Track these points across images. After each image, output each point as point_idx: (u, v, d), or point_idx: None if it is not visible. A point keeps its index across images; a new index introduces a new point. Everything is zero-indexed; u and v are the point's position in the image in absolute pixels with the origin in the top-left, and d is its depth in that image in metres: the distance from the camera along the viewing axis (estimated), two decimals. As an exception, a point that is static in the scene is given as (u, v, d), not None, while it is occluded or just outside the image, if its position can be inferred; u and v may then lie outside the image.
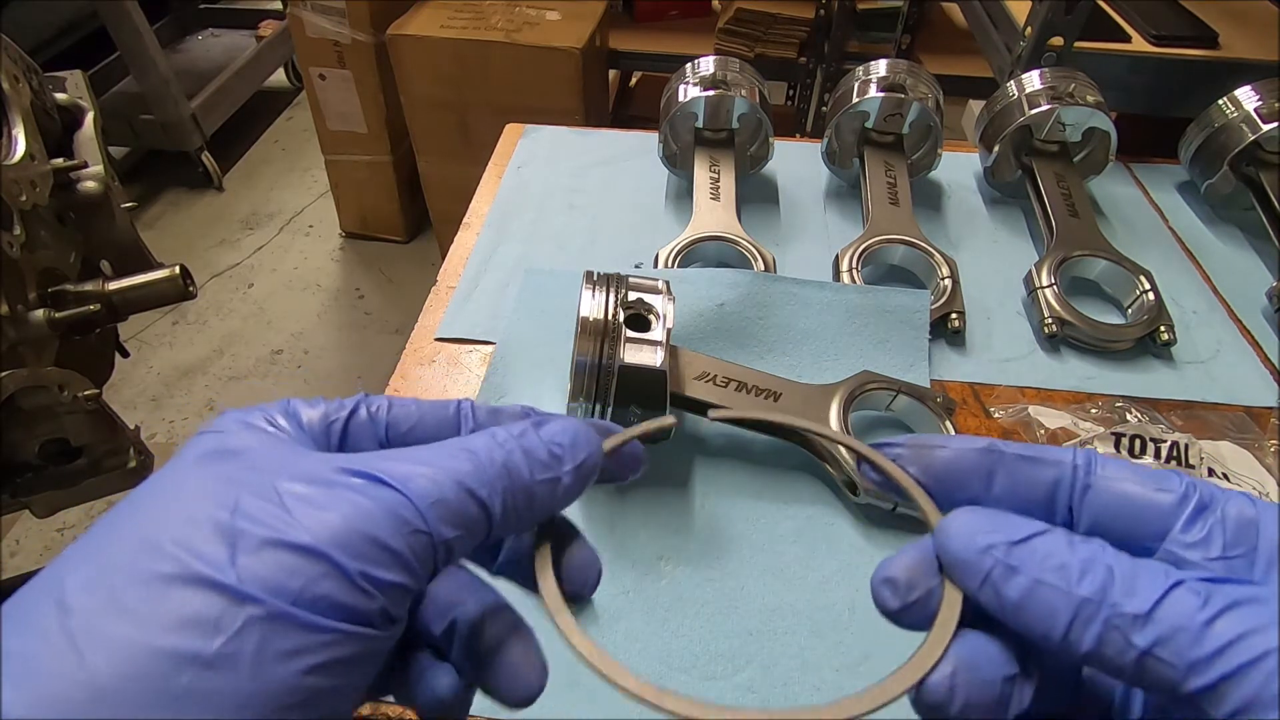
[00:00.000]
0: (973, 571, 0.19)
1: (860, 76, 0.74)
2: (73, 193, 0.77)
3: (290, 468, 0.19)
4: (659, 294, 0.48)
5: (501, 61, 1.56)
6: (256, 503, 0.18)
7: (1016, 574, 0.18)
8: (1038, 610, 0.18)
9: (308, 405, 0.23)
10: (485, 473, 0.20)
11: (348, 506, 0.18)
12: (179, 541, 0.17)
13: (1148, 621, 0.16)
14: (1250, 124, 0.70)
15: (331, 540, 0.17)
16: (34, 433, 0.73)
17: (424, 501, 0.19)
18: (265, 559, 0.17)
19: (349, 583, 0.17)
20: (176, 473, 0.20)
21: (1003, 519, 0.20)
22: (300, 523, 0.18)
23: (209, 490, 0.19)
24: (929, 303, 0.59)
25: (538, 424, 0.22)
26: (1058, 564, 0.18)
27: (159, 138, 2.20)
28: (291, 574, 0.17)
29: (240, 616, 0.16)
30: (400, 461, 0.20)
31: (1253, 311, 0.65)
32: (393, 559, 0.18)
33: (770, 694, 0.41)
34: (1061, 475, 0.21)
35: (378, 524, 0.18)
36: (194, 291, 0.79)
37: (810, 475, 0.51)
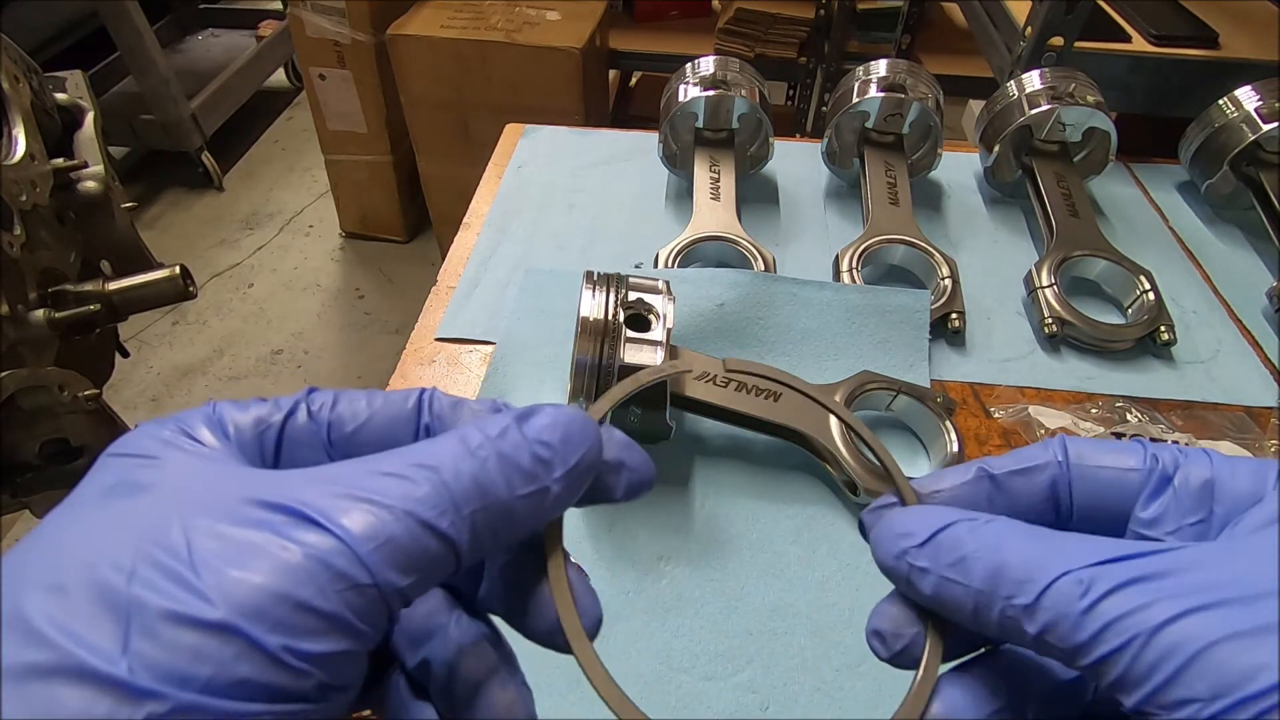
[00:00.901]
0: (895, 576, 0.21)
1: (860, 76, 0.74)
2: (73, 193, 0.77)
3: (205, 504, 0.16)
4: (659, 294, 0.48)
5: (501, 61, 1.56)
6: (158, 560, 0.15)
7: (927, 574, 0.20)
8: (949, 603, 0.19)
9: (238, 409, 0.19)
10: (448, 494, 0.16)
11: (267, 562, 0.15)
12: (59, 621, 0.14)
13: (1035, 611, 0.17)
14: (1250, 124, 0.70)
15: (245, 610, 0.14)
16: (34, 433, 0.72)
17: (365, 546, 0.15)
18: (165, 641, 0.14)
19: (271, 660, 0.14)
20: (74, 514, 0.17)
21: (918, 518, 0.21)
22: (207, 588, 0.14)
23: (103, 544, 0.15)
24: (929, 303, 0.59)
25: (521, 418, 0.18)
26: (956, 558, 0.19)
27: (159, 138, 2.20)
28: (197, 658, 0.14)
29: (137, 715, 0.13)
30: (334, 489, 0.16)
31: (1253, 311, 0.65)
32: (326, 625, 0.15)
33: (770, 694, 0.41)
34: (1054, 476, 0.22)
35: (303, 582, 0.15)
36: (194, 291, 0.79)
37: (810, 475, 0.51)
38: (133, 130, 2.20)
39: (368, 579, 0.15)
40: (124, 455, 0.18)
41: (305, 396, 0.20)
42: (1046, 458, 0.22)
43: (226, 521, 0.15)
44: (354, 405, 0.20)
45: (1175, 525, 0.20)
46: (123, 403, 1.72)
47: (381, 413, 0.20)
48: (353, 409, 0.20)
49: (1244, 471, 0.20)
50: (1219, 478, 0.20)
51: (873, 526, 0.22)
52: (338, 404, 0.20)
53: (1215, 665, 0.15)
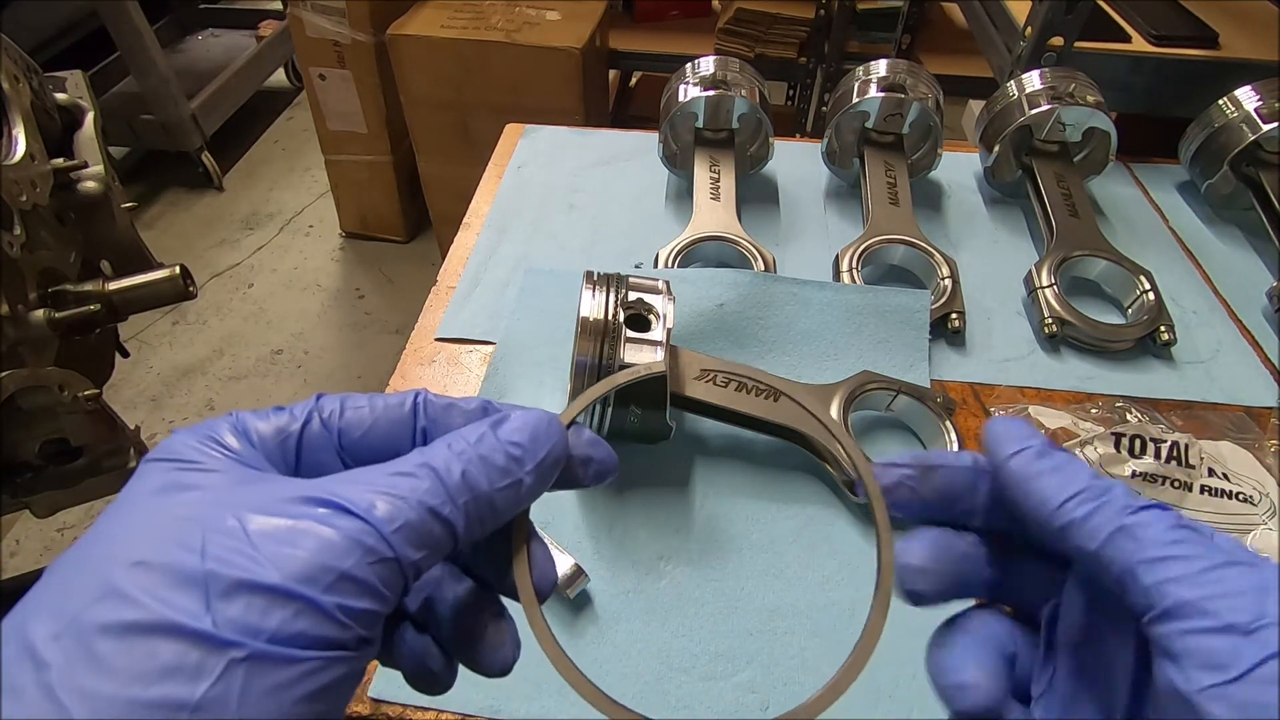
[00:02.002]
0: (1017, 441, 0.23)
1: (860, 76, 0.74)
2: (73, 193, 0.77)
3: (251, 500, 0.19)
4: (659, 294, 0.48)
5: (501, 61, 1.56)
6: (223, 541, 0.18)
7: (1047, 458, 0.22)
8: (1034, 495, 0.22)
9: (259, 419, 0.22)
10: (445, 489, 0.20)
11: (314, 540, 0.18)
12: (148, 588, 0.17)
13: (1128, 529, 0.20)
14: (1250, 124, 0.70)
15: (302, 577, 0.18)
16: (34, 433, 0.72)
17: (388, 528, 0.19)
18: (239, 602, 0.17)
19: (324, 616, 0.18)
20: (134, 510, 0.19)
21: (1031, 432, 0.23)
22: (269, 562, 0.18)
23: (171, 531, 0.18)
24: (929, 303, 0.59)
25: (495, 424, 0.22)
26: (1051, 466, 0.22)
27: (159, 138, 2.20)
28: (265, 615, 0.17)
29: (221, 660, 0.16)
30: (361, 486, 0.20)
31: (1253, 311, 0.65)
32: (362, 589, 0.18)
33: (770, 694, 0.41)
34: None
35: (344, 556, 0.18)
36: (194, 291, 0.79)
37: (810, 475, 0.51)
38: (133, 130, 2.20)
39: (391, 553, 0.19)
40: (164, 460, 0.20)
41: (315, 405, 0.23)
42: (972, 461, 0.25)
43: (273, 513, 0.19)
44: (359, 413, 0.23)
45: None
46: (123, 403, 1.72)
47: (383, 418, 0.23)
48: (358, 416, 0.23)
49: None
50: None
51: (990, 427, 0.24)
52: (345, 411, 0.23)
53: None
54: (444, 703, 0.41)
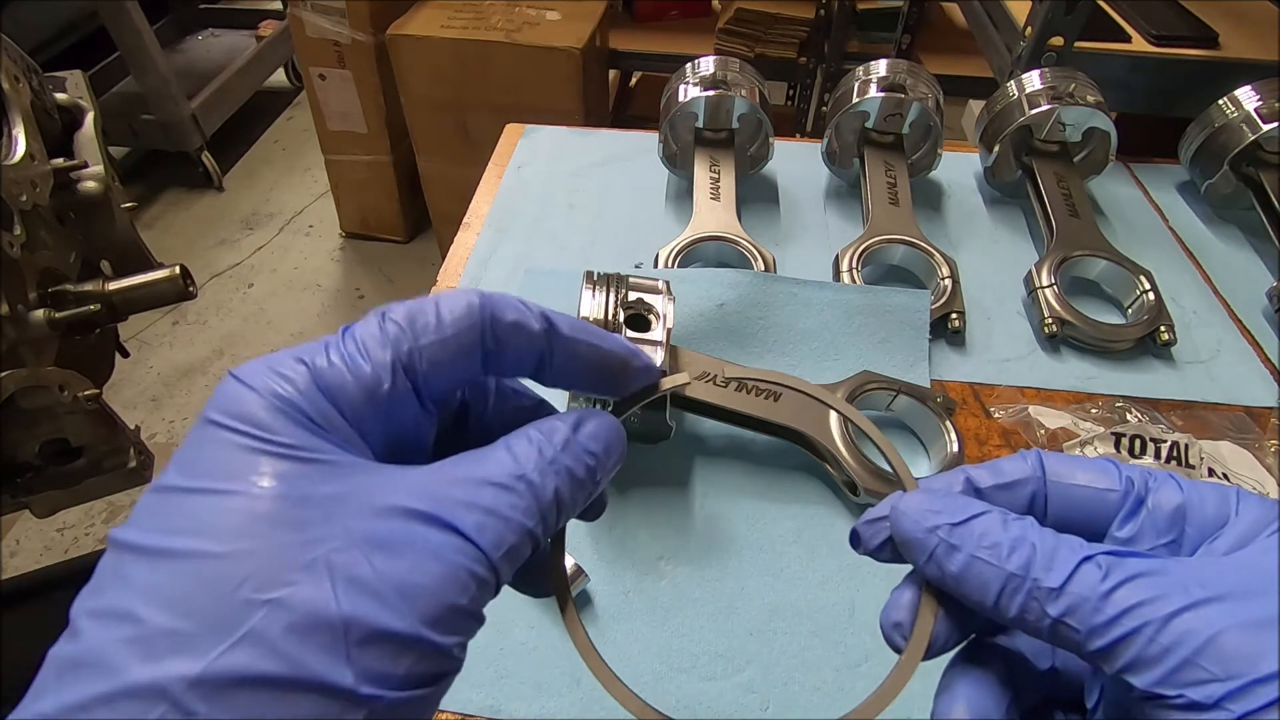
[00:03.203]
0: (920, 549, 0.22)
1: (860, 76, 0.74)
2: (73, 193, 0.77)
3: (359, 508, 0.18)
4: (659, 294, 0.48)
5: (501, 61, 1.56)
6: (349, 572, 0.17)
7: (957, 551, 0.21)
8: (973, 582, 0.21)
9: (341, 372, 0.20)
10: (539, 507, 0.20)
11: (433, 575, 0.18)
12: (284, 636, 0.16)
13: (1060, 594, 0.19)
14: (1250, 124, 0.70)
15: (429, 619, 0.18)
16: (34, 433, 0.72)
17: (496, 554, 0.19)
18: (373, 651, 0.17)
19: (443, 655, 0.18)
20: (239, 507, 0.18)
21: (949, 501, 0.22)
22: (396, 602, 0.17)
23: (293, 553, 0.17)
24: (929, 303, 0.59)
25: (576, 426, 0.22)
26: (992, 542, 0.21)
27: (159, 138, 2.20)
28: (396, 661, 0.17)
29: (359, 715, 0.16)
30: (461, 496, 0.19)
31: (1253, 311, 0.65)
32: (470, 620, 0.19)
33: (770, 694, 0.41)
34: (1033, 491, 0.23)
35: (461, 591, 0.18)
36: (194, 291, 0.79)
37: (810, 475, 0.51)
38: (133, 130, 2.20)
39: (494, 579, 0.19)
40: (239, 432, 0.19)
41: (395, 348, 0.20)
42: (1026, 472, 0.23)
43: (386, 532, 0.18)
44: (434, 350, 0.21)
45: (1150, 544, 0.21)
46: (123, 403, 1.72)
47: (458, 352, 0.21)
48: (436, 355, 0.21)
49: (1210, 498, 0.21)
50: (1189, 502, 0.22)
51: (894, 505, 0.23)
52: (424, 354, 0.21)
53: (1227, 650, 0.17)
54: (444, 702, 0.41)
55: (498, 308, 0.21)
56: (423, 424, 0.22)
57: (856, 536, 0.24)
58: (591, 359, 0.23)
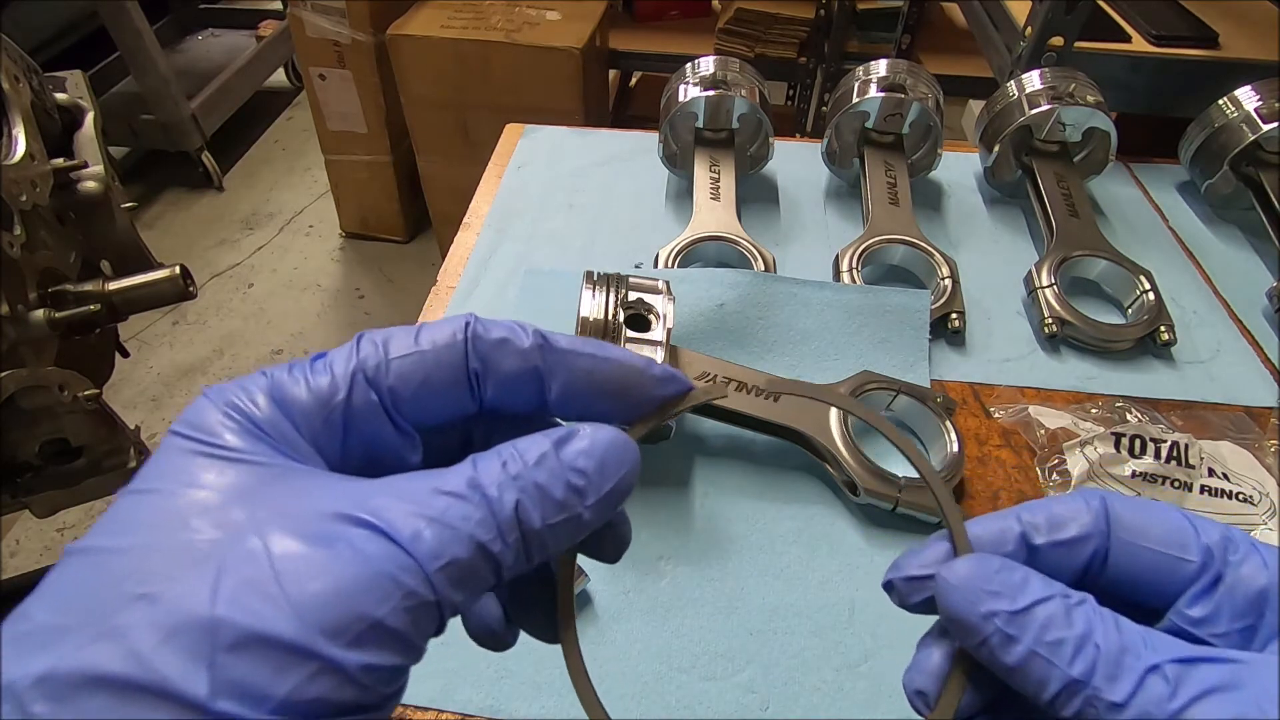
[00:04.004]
0: (972, 634, 0.19)
1: (860, 76, 0.74)
2: (73, 193, 0.77)
3: (280, 510, 0.16)
4: (659, 294, 0.48)
5: (501, 61, 1.56)
6: (240, 572, 0.15)
7: (1015, 643, 0.19)
8: (1029, 678, 0.18)
9: (295, 383, 0.19)
10: (496, 522, 0.17)
11: (345, 576, 0.15)
12: (145, 633, 0.14)
13: (1123, 709, 0.17)
14: (1250, 124, 0.70)
15: (327, 628, 0.15)
16: (34, 433, 0.73)
17: (434, 564, 0.16)
18: (246, 660, 0.14)
19: (346, 678, 0.15)
20: (150, 509, 0.17)
21: (1006, 578, 0.19)
22: (290, 605, 0.15)
23: (185, 553, 0.15)
24: (929, 303, 0.59)
25: (560, 443, 0.19)
26: (1054, 639, 0.18)
27: (159, 138, 2.20)
28: (276, 678, 0.14)
29: None
30: (405, 504, 0.17)
31: (1253, 311, 0.65)
32: (392, 641, 0.16)
33: (770, 694, 0.41)
34: (1095, 549, 0.21)
35: (380, 600, 0.15)
36: (194, 291, 0.79)
37: (810, 475, 0.51)
38: (133, 130, 2.20)
39: (432, 595, 0.16)
40: (189, 438, 0.18)
41: (357, 360, 0.19)
42: (1088, 527, 0.21)
43: (305, 533, 0.16)
44: (406, 365, 0.20)
45: (1225, 628, 0.19)
46: (123, 403, 1.72)
47: (435, 370, 0.20)
48: (406, 370, 0.20)
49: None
50: (1275, 582, 0.19)
51: (942, 575, 0.20)
52: (392, 366, 0.19)
53: None
54: (444, 703, 0.41)
55: (483, 325, 0.20)
56: (402, 449, 0.20)
57: (891, 588, 0.22)
58: (600, 376, 0.21)
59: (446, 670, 0.42)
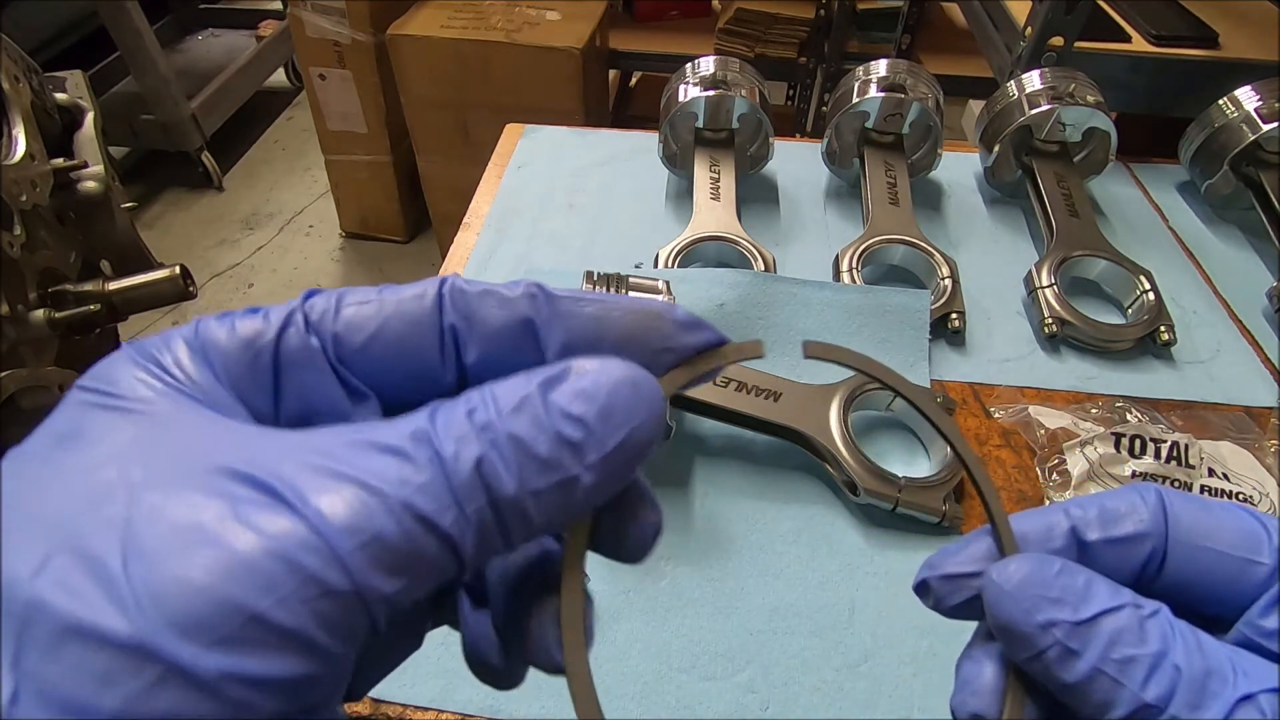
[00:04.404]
0: (1028, 645, 0.17)
1: (860, 76, 0.74)
2: (73, 193, 0.77)
3: (164, 468, 0.13)
4: (659, 294, 0.48)
5: (501, 61, 1.56)
6: (82, 545, 0.12)
7: (1076, 659, 0.16)
8: (1091, 696, 0.16)
9: (224, 328, 0.16)
10: (449, 486, 0.13)
11: (215, 554, 0.11)
12: None
13: None
14: (1250, 124, 0.70)
15: (174, 621, 0.11)
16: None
17: (347, 542, 0.12)
18: (65, 660, 0.11)
19: (203, 689, 0.11)
20: (15, 469, 0.14)
21: (1066, 580, 0.17)
22: (132, 589, 0.11)
23: (30, 523, 0.12)
24: (929, 303, 0.59)
25: (549, 383, 0.14)
26: (1125, 656, 0.16)
27: (159, 138, 2.20)
28: (104, 684, 0.11)
29: None
30: (317, 461, 0.13)
31: (1253, 311, 0.65)
32: (283, 642, 0.11)
33: (770, 694, 0.41)
34: (1152, 548, 0.18)
35: (260, 587, 0.11)
36: (194, 291, 0.79)
37: (810, 475, 0.51)
38: (133, 130, 2.20)
39: (346, 584, 0.12)
40: (92, 390, 0.15)
41: (301, 304, 0.17)
42: (1145, 524, 0.18)
43: (184, 494, 0.12)
44: (361, 311, 0.16)
45: None
46: (123, 403, 1.72)
47: (395, 318, 0.16)
48: (360, 315, 0.16)
49: None
50: None
51: (991, 576, 0.18)
52: (342, 311, 0.16)
53: None
54: (444, 703, 0.41)
55: (465, 281, 0.17)
56: (353, 412, 0.16)
57: (926, 589, 0.19)
58: (611, 324, 0.17)
59: (447, 670, 0.42)
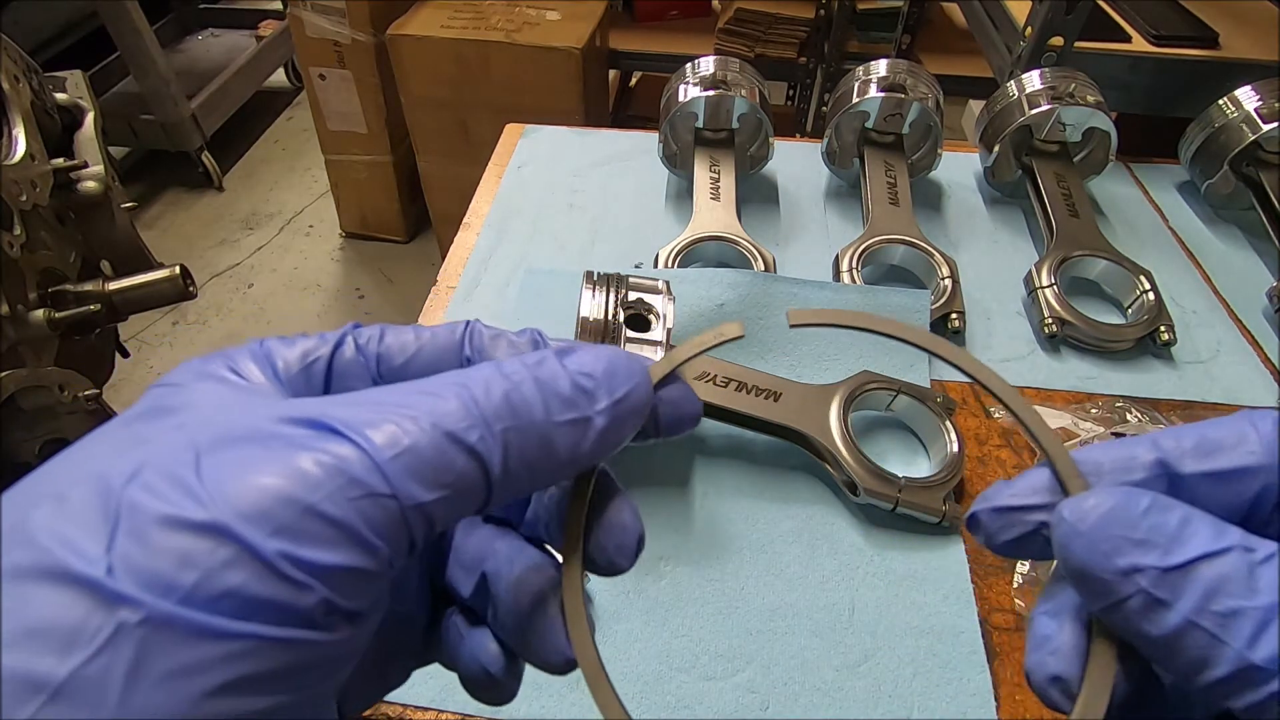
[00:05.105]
0: (1107, 592, 0.15)
1: (860, 76, 0.74)
2: (73, 193, 0.77)
3: (228, 423, 0.15)
4: (659, 294, 0.48)
5: (501, 61, 1.56)
6: (164, 469, 0.14)
7: (1166, 609, 0.14)
8: (1182, 653, 0.14)
9: (285, 345, 0.18)
10: (478, 409, 0.15)
11: (275, 465, 0.14)
12: (50, 524, 0.13)
13: None
14: (1250, 124, 0.70)
15: (242, 512, 0.13)
16: (34, 433, 0.72)
17: (385, 453, 0.14)
18: (151, 543, 0.13)
19: (267, 569, 0.13)
20: (96, 437, 0.16)
21: (1155, 517, 0.15)
22: (207, 490, 0.13)
23: (113, 455, 0.14)
24: (929, 303, 0.59)
25: (562, 352, 0.17)
26: (1227, 609, 0.13)
27: (159, 138, 2.20)
28: (184, 563, 0.12)
29: (109, 624, 0.12)
30: (362, 404, 0.15)
31: (1253, 311, 0.65)
32: (336, 534, 0.13)
33: (770, 694, 0.41)
34: (1265, 485, 0.15)
35: (313, 486, 0.13)
36: (194, 291, 0.79)
37: (810, 475, 0.51)
38: (133, 130, 2.20)
39: (385, 487, 0.14)
40: (165, 385, 0.17)
41: (351, 330, 0.19)
42: (1255, 456, 0.15)
43: (245, 438, 0.14)
44: (401, 338, 0.19)
45: None
46: (123, 403, 1.72)
47: (429, 345, 0.19)
48: (400, 341, 0.19)
49: None
50: None
51: (1063, 511, 0.15)
52: (385, 337, 0.19)
53: None
54: (444, 703, 0.41)
55: (484, 325, 0.20)
56: None
57: (976, 523, 0.17)
58: None
59: (446, 670, 0.42)
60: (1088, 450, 0.17)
